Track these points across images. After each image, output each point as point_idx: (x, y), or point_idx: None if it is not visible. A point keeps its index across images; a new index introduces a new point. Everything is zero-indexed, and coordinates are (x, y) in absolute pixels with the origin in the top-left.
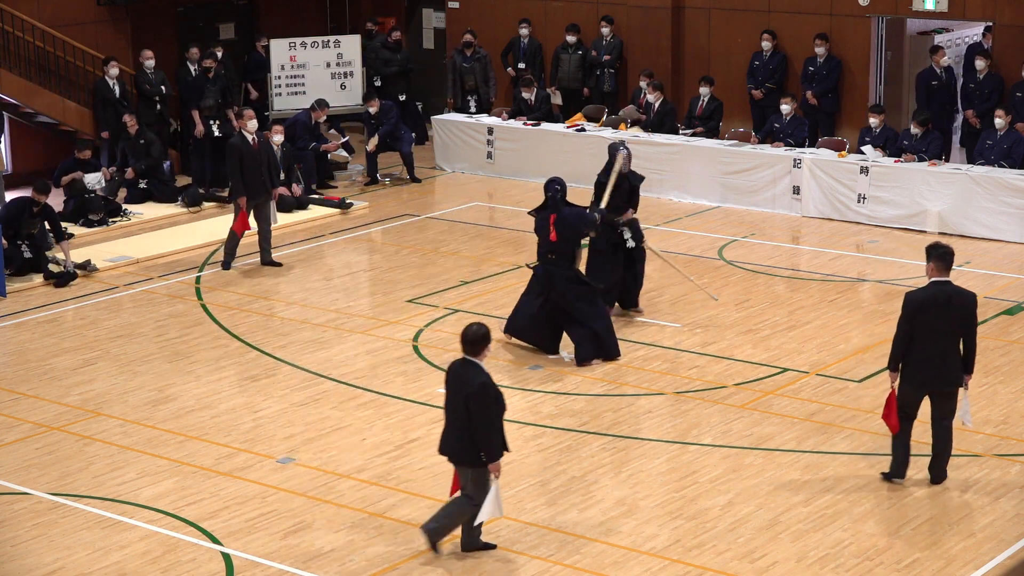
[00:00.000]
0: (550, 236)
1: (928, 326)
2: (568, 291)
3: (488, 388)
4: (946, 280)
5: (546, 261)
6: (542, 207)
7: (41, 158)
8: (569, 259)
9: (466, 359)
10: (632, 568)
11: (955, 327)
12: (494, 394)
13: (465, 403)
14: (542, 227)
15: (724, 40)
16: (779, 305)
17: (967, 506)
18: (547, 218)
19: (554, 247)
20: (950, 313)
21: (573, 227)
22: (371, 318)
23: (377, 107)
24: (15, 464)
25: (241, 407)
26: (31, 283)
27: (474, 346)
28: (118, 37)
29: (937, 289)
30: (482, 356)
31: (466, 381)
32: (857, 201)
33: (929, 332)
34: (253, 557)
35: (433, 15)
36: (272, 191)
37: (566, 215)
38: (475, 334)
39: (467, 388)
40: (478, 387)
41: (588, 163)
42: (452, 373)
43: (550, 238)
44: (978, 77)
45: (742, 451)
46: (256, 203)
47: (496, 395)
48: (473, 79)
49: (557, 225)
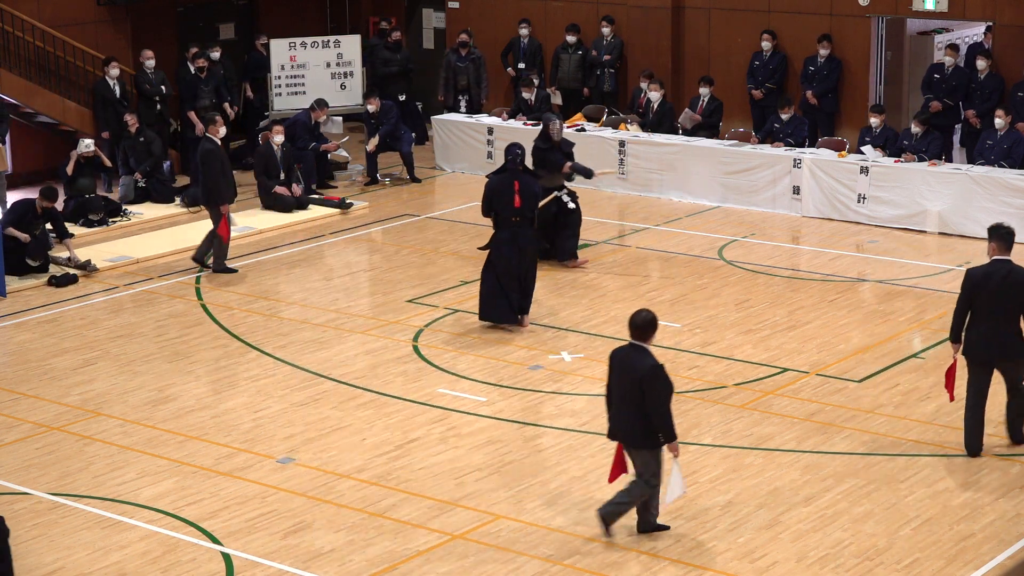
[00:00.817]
0: (514, 202)
1: (986, 302)
2: (531, 251)
3: (661, 371)
4: (1006, 259)
5: (511, 224)
6: (501, 170)
7: (41, 158)
8: (530, 222)
9: (633, 344)
10: (632, 568)
11: (1013, 304)
12: (666, 376)
13: (639, 386)
14: (504, 193)
15: (724, 40)
16: (779, 305)
17: (967, 506)
18: (511, 184)
19: (518, 212)
20: (1008, 290)
21: (535, 194)
22: (371, 318)
23: (377, 106)
24: (15, 464)
25: (241, 407)
26: (31, 283)
27: (643, 331)
28: (118, 37)
29: (998, 267)
30: (649, 341)
31: (637, 365)
32: (857, 201)
33: (987, 308)
34: (253, 557)
35: (433, 15)
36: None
37: (528, 182)
38: (644, 320)
39: (639, 372)
40: (651, 370)
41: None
42: (619, 359)
43: (514, 203)
44: (979, 77)
45: (742, 451)
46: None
47: (667, 377)
48: (466, 79)
49: (521, 191)
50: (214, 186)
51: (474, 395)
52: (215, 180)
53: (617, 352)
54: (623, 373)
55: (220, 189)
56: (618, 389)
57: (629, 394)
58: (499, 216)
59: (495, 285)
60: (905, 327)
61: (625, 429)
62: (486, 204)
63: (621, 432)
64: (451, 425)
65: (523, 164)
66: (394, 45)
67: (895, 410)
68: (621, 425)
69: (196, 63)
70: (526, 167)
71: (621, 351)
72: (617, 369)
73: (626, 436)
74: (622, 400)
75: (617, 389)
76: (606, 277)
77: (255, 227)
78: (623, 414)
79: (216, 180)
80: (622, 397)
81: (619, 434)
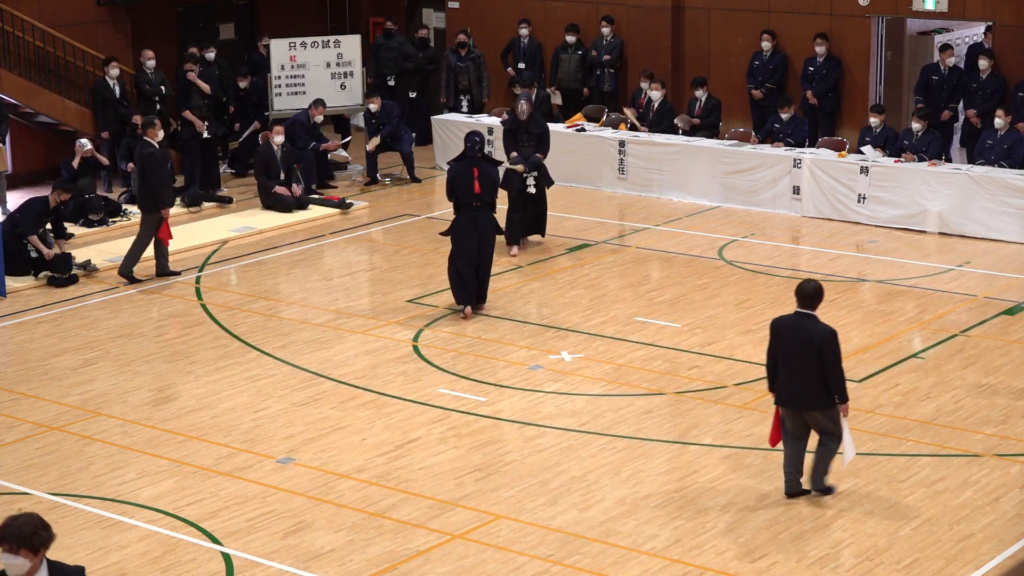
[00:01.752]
0: (474, 188)
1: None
2: (491, 236)
3: (837, 336)
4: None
5: (471, 209)
6: (460, 157)
7: (41, 158)
8: (490, 207)
9: (801, 312)
10: (632, 568)
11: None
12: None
13: (818, 351)
14: (464, 179)
15: (724, 40)
16: (779, 305)
17: (967, 506)
18: (470, 171)
19: (478, 197)
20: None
21: (495, 179)
22: (371, 318)
23: (379, 105)
24: (15, 464)
25: (241, 407)
26: (31, 283)
27: (812, 300)
28: (118, 37)
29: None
30: (816, 309)
31: (812, 332)
32: (857, 201)
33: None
34: (253, 557)
35: (433, 15)
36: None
37: (488, 169)
38: (813, 289)
39: (819, 338)
40: (831, 336)
41: (588, 163)
42: (788, 328)
43: (474, 190)
44: (980, 77)
45: (742, 451)
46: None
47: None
48: (467, 79)
49: (480, 178)
50: (155, 191)
51: (474, 395)
52: (156, 184)
53: (783, 322)
54: (797, 341)
55: (161, 194)
56: (792, 356)
57: (807, 360)
58: (459, 201)
59: (454, 271)
60: (905, 327)
61: (801, 393)
62: (448, 190)
63: (796, 397)
64: (451, 425)
65: (482, 151)
66: (420, 42)
67: (895, 410)
68: (796, 390)
69: (185, 67)
70: (485, 154)
71: (787, 320)
72: (788, 338)
73: (803, 400)
74: (800, 367)
75: (790, 357)
76: (606, 277)
77: (255, 227)
78: (800, 379)
79: (157, 184)
80: (799, 364)
81: (793, 399)
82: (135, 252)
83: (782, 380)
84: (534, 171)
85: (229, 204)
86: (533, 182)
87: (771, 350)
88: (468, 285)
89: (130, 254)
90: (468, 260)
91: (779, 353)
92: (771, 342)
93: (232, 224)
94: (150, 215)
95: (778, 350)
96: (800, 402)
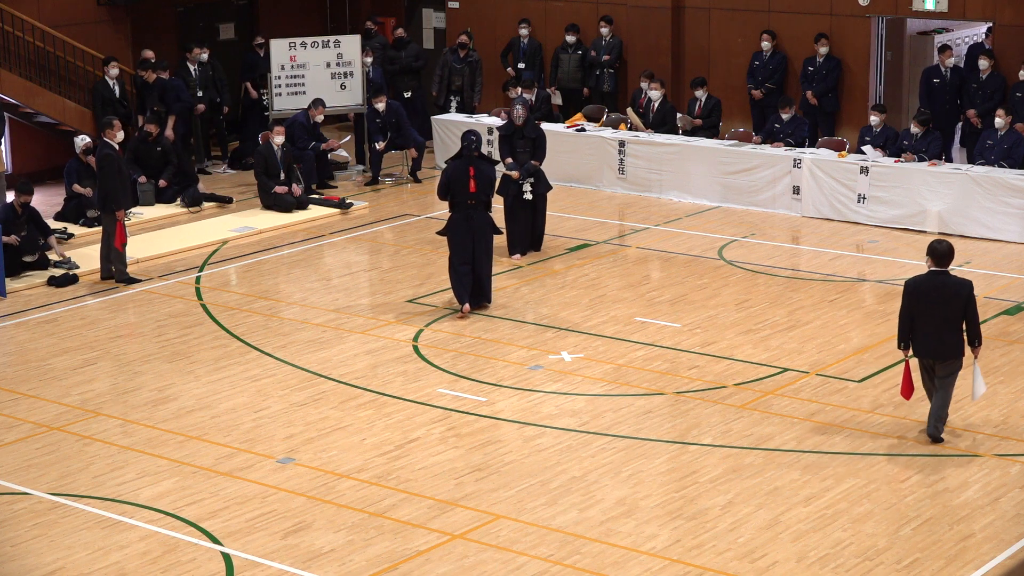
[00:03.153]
0: (470, 187)
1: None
2: (486, 234)
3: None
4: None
5: (467, 207)
6: (457, 156)
7: (41, 158)
8: (485, 206)
9: (935, 271)
10: (632, 568)
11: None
12: None
13: (964, 302)
14: (460, 178)
15: (724, 40)
16: (779, 305)
17: (967, 506)
18: (467, 170)
19: (474, 196)
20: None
21: (491, 179)
22: (371, 318)
23: (384, 104)
24: (15, 464)
25: (241, 407)
26: (31, 283)
27: (947, 259)
28: (118, 37)
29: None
30: (949, 266)
31: (955, 286)
32: (857, 201)
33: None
34: (253, 557)
35: (433, 15)
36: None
37: (484, 168)
38: (946, 249)
39: (963, 291)
40: (971, 286)
41: (588, 163)
42: (927, 286)
43: (470, 188)
44: (981, 77)
45: (742, 451)
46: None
47: None
48: (460, 80)
49: (476, 177)
50: (110, 192)
51: (474, 395)
52: (111, 186)
53: (919, 282)
54: (939, 296)
55: (116, 195)
56: (934, 312)
57: (950, 312)
58: (455, 200)
59: (452, 270)
60: None
61: (941, 345)
62: (442, 189)
63: (936, 349)
64: (451, 425)
65: (479, 150)
66: (398, 42)
67: (895, 410)
68: (935, 343)
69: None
70: (481, 153)
71: (924, 280)
72: (927, 296)
73: (943, 350)
74: (942, 319)
75: (932, 312)
76: (606, 277)
77: (255, 227)
78: (940, 333)
79: (112, 186)
80: (941, 317)
81: (934, 351)
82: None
83: (923, 335)
84: (530, 177)
85: (229, 204)
86: (529, 188)
87: (908, 309)
88: (464, 283)
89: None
90: (464, 258)
91: (918, 311)
92: (908, 302)
93: (232, 224)
94: (107, 217)
95: (916, 308)
96: (940, 352)
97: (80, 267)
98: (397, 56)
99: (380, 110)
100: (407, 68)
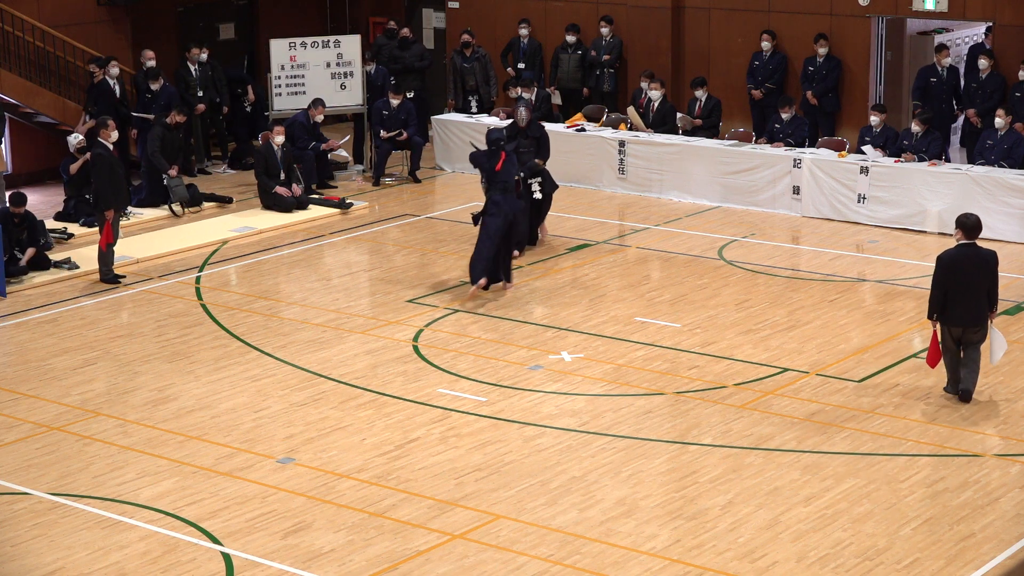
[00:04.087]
0: (496, 167)
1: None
2: (518, 218)
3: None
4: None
5: (502, 190)
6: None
7: (41, 158)
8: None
9: (965, 244)
10: (632, 568)
11: None
12: None
13: (992, 270)
14: (490, 166)
15: (724, 40)
16: (779, 305)
17: (967, 506)
18: (497, 156)
19: (498, 176)
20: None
21: (516, 164)
22: (371, 318)
23: (400, 100)
24: (15, 464)
25: (241, 407)
26: (31, 283)
27: (976, 231)
28: (118, 37)
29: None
30: (977, 238)
31: (984, 256)
32: (857, 201)
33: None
34: (253, 557)
35: (433, 15)
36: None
37: (512, 155)
38: (975, 221)
39: (993, 260)
40: (996, 255)
41: (588, 163)
42: (961, 259)
43: (495, 169)
44: (980, 77)
45: (742, 451)
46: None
47: None
48: (474, 79)
49: (506, 162)
50: (101, 192)
51: (474, 395)
52: (100, 186)
53: (953, 255)
54: (972, 266)
55: (106, 195)
56: (968, 281)
57: (980, 280)
58: (490, 183)
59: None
60: (905, 327)
61: (974, 312)
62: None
63: (971, 316)
64: (451, 425)
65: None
66: (403, 42)
67: (895, 410)
68: (970, 311)
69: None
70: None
71: (957, 252)
72: (963, 266)
73: (977, 316)
74: (975, 288)
75: (966, 282)
76: (606, 277)
77: (255, 227)
78: (973, 300)
79: (103, 186)
80: (975, 286)
81: (969, 318)
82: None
83: (956, 304)
84: (536, 177)
85: (229, 204)
86: (538, 187)
87: (942, 282)
88: (484, 261)
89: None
90: (493, 237)
91: (953, 282)
92: (942, 275)
93: (232, 224)
94: (99, 216)
95: (951, 280)
96: (975, 318)
97: (80, 267)
98: (401, 56)
99: (394, 106)
100: (410, 68)
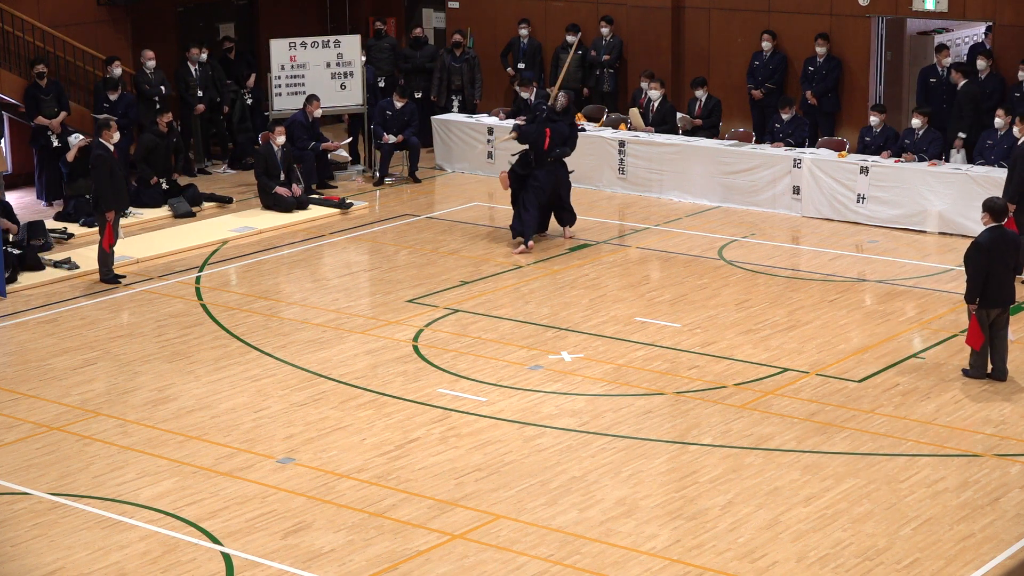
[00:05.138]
0: (544, 145)
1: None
2: (566, 179)
3: None
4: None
5: (545, 164)
6: (531, 120)
7: None
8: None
9: (995, 226)
10: (632, 568)
11: None
12: None
13: (1019, 251)
14: (537, 140)
15: (724, 40)
16: (779, 305)
17: (967, 506)
18: (543, 132)
19: (548, 153)
20: None
21: (564, 136)
22: (371, 318)
23: (404, 102)
24: (15, 464)
25: (241, 407)
26: (31, 283)
27: (1003, 213)
28: (118, 37)
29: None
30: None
31: (1012, 237)
32: (857, 201)
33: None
34: (253, 557)
35: (433, 15)
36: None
37: (559, 127)
38: (1003, 204)
39: (1018, 240)
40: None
41: (588, 163)
42: (995, 240)
43: (544, 147)
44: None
45: (742, 451)
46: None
47: None
48: (460, 79)
49: (553, 136)
50: (101, 193)
51: (474, 395)
52: (100, 187)
53: (992, 238)
54: (1006, 247)
55: (106, 196)
56: (1006, 262)
57: (1011, 261)
58: (537, 158)
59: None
60: (905, 327)
61: (1010, 291)
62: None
63: (1009, 296)
64: (451, 425)
65: (550, 113)
66: (414, 41)
67: (895, 410)
68: (1008, 290)
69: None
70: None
71: (992, 235)
72: (999, 247)
73: (1012, 295)
74: (1010, 268)
75: (1004, 262)
76: (606, 277)
77: (255, 227)
78: (1009, 280)
79: (103, 187)
80: (1009, 266)
81: (1007, 298)
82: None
83: (999, 285)
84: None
85: (229, 204)
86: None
87: (986, 266)
88: (531, 223)
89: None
90: (541, 200)
91: (994, 265)
92: (987, 259)
93: (232, 224)
94: (99, 217)
95: (992, 263)
96: (1011, 297)
97: (80, 267)
98: (412, 55)
99: (398, 107)
100: (420, 68)
